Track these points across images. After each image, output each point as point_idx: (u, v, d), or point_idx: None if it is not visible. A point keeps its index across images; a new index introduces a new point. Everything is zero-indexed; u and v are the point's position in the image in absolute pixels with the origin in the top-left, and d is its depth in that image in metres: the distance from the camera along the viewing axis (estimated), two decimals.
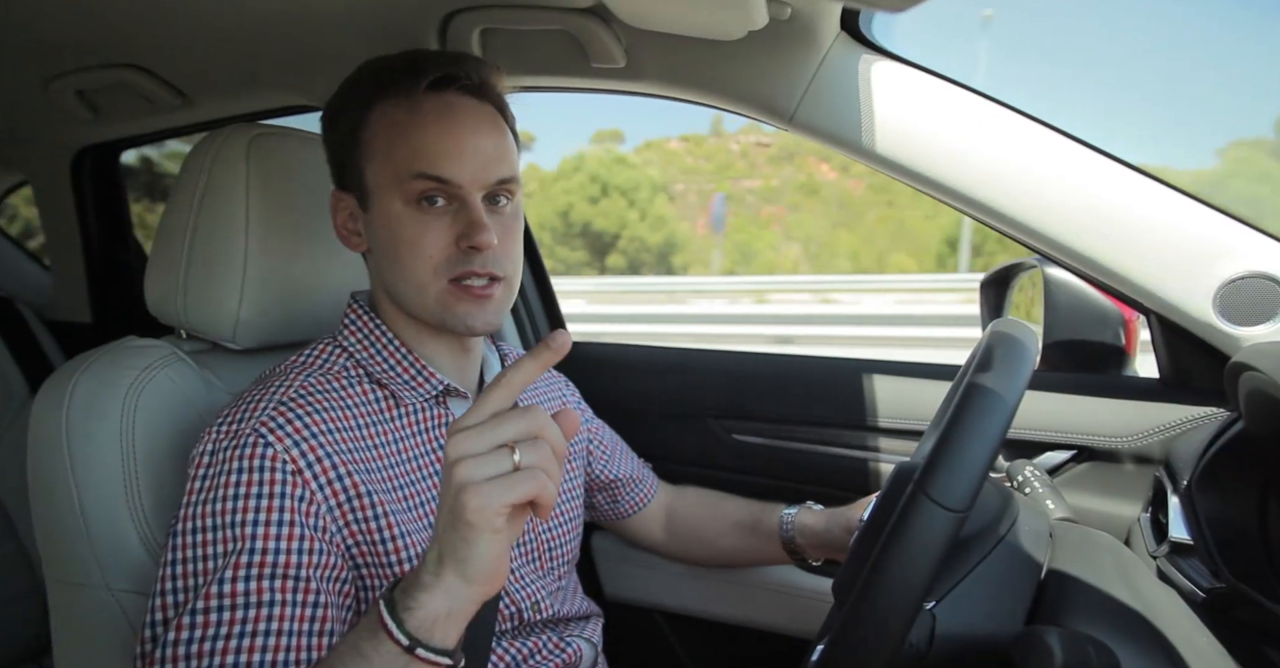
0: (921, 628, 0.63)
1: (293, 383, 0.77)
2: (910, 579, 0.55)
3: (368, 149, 0.79)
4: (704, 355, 1.37)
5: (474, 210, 0.77)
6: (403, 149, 0.77)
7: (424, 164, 0.76)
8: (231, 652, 0.63)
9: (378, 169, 0.78)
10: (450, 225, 0.77)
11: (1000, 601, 0.66)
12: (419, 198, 0.76)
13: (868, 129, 0.95)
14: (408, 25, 1.03)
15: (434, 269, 0.77)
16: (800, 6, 0.88)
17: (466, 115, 0.79)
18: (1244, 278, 0.88)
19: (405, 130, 0.77)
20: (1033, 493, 0.93)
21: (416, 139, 0.76)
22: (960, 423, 0.59)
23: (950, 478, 0.56)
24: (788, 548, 1.07)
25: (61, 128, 1.53)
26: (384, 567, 0.73)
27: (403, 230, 0.77)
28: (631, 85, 1.08)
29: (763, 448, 1.25)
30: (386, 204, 0.78)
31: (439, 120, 0.77)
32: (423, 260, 0.77)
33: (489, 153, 0.78)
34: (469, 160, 0.77)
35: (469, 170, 0.77)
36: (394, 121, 0.78)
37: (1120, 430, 1.01)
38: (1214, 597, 0.72)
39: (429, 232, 0.77)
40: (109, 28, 1.10)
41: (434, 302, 0.78)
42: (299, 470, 0.70)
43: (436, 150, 0.76)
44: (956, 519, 0.56)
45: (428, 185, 0.76)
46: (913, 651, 0.63)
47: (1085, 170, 0.91)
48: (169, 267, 0.89)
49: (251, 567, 0.66)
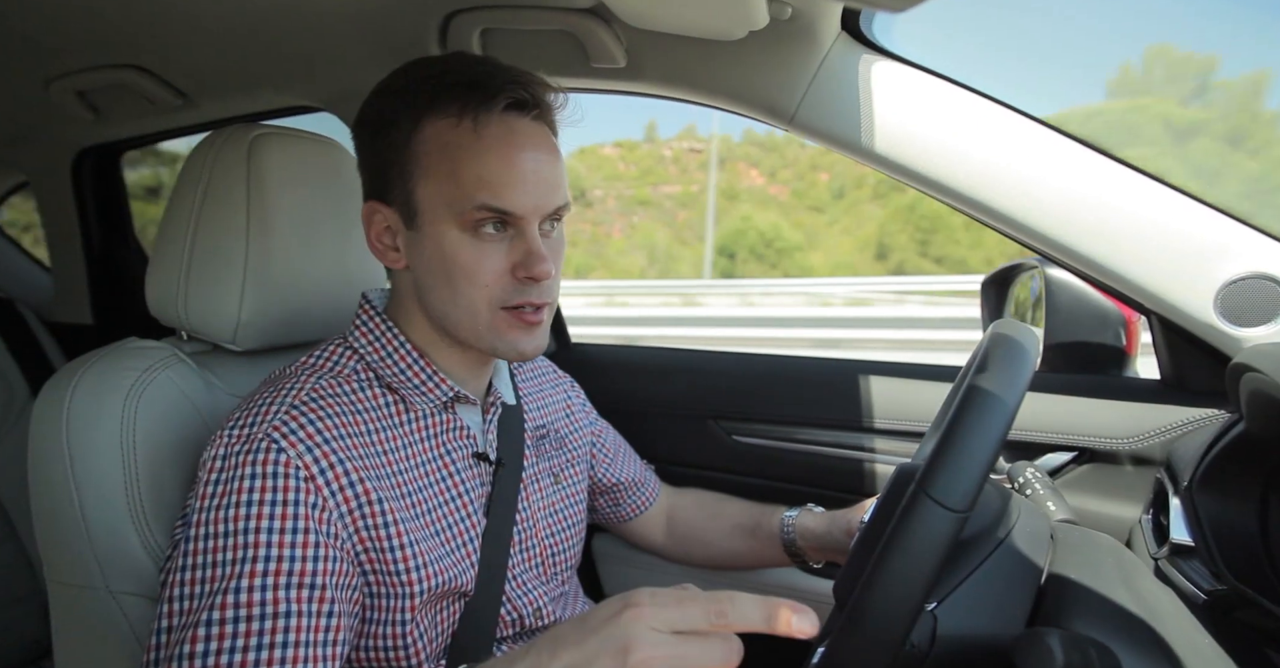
0: (923, 629, 0.63)
1: (304, 385, 0.76)
2: (912, 579, 0.55)
3: (419, 167, 0.75)
4: (706, 357, 1.37)
5: (533, 241, 0.75)
6: (464, 175, 0.73)
7: (488, 195, 0.73)
8: (250, 665, 0.63)
9: (433, 190, 0.75)
10: (507, 253, 0.75)
11: (1001, 602, 0.66)
12: (476, 225, 0.74)
13: (868, 129, 0.95)
14: (409, 25, 1.03)
15: (489, 299, 0.76)
16: (801, 6, 0.88)
17: (529, 141, 0.76)
18: (1245, 279, 0.88)
19: (468, 155, 0.74)
20: (1034, 495, 0.92)
21: (480, 167, 0.73)
22: (961, 423, 0.59)
23: (952, 478, 0.57)
24: (789, 550, 1.07)
25: (62, 128, 1.53)
26: (390, 575, 0.73)
27: (458, 256, 0.75)
28: (632, 85, 1.08)
29: (763, 450, 1.25)
30: (440, 227, 0.75)
31: (504, 147, 0.74)
32: (479, 289, 0.75)
33: (549, 181, 0.76)
34: (531, 191, 0.74)
35: (531, 201, 0.75)
36: (454, 144, 0.74)
37: (1121, 432, 1.01)
38: (1215, 599, 0.71)
39: (486, 259, 0.75)
40: (110, 28, 1.10)
41: (485, 329, 0.77)
42: (312, 477, 0.70)
43: (501, 181, 0.73)
44: (958, 519, 0.56)
45: (488, 215, 0.74)
46: (914, 651, 0.63)
47: (1086, 171, 0.91)
48: (170, 268, 0.89)
49: (268, 575, 0.65)
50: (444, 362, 0.83)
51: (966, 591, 0.65)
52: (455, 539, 0.80)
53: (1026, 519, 0.74)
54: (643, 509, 1.14)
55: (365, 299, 0.86)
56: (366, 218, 0.81)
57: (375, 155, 0.79)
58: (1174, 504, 0.82)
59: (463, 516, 0.81)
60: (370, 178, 0.80)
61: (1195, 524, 0.78)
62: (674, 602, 0.50)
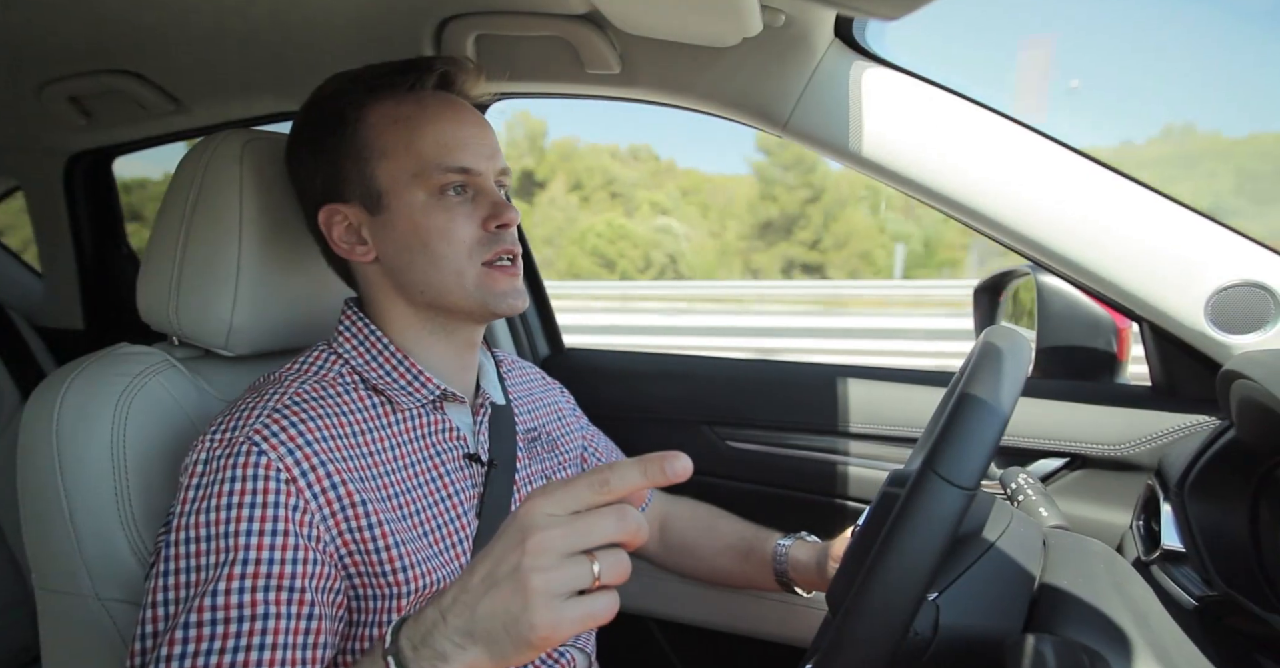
0: (925, 618, 0.64)
1: (287, 390, 0.76)
2: (921, 555, 0.56)
3: (373, 149, 0.80)
4: (700, 362, 1.37)
5: (494, 193, 0.82)
6: (420, 143, 0.79)
7: (449, 157, 0.79)
8: (227, 667, 0.63)
9: (394, 166, 0.79)
10: (474, 211, 0.80)
11: (1000, 597, 0.67)
12: (441, 189, 0.79)
13: (862, 136, 0.96)
14: (403, 31, 1.03)
15: (468, 253, 0.79)
16: (794, 14, 0.88)
17: (465, 110, 0.84)
18: (1235, 286, 0.88)
19: (419, 125, 0.79)
20: (1026, 501, 0.93)
21: (434, 132, 0.79)
22: (966, 405, 0.60)
23: (958, 457, 0.57)
24: (779, 579, 1.05)
25: (54, 134, 1.53)
26: (377, 577, 0.73)
27: (431, 221, 0.79)
28: (626, 92, 1.08)
29: (757, 455, 1.25)
30: (408, 199, 0.79)
31: (449, 114, 0.81)
32: (457, 245, 0.79)
33: (493, 144, 0.83)
34: (483, 150, 0.81)
35: (483, 160, 0.81)
36: (402, 118, 0.80)
37: (1113, 438, 1.01)
38: (1206, 605, 0.72)
39: (457, 218, 0.79)
40: (103, 34, 1.10)
41: (473, 286, 0.80)
42: (293, 479, 0.69)
43: (456, 142, 0.80)
44: (965, 497, 0.56)
45: (453, 177, 0.79)
46: (918, 639, 0.63)
47: (1078, 178, 0.92)
48: (161, 273, 0.89)
49: (245, 578, 0.65)
50: (427, 358, 0.84)
51: (967, 583, 0.66)
52: (445, 541, 0.80)
53: (1018, 526, 0.74)
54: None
55: (348, 305, 0.86)
56: (325, 224, 0.83)
57: (323, 157, 0.82)
58: (1165, 510, 0.82)
59: (453, 517, 0.81)
60: (321, 182, 0.83)
61: (1186, 530, 0.78)
62: (560, 486, 0.51)
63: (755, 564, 1.08)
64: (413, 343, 0.83)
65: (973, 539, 0.70)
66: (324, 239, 0.84)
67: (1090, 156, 0.92)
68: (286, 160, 0.88)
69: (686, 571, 1.17)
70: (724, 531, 1.13)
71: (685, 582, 1.25)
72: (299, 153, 0.85)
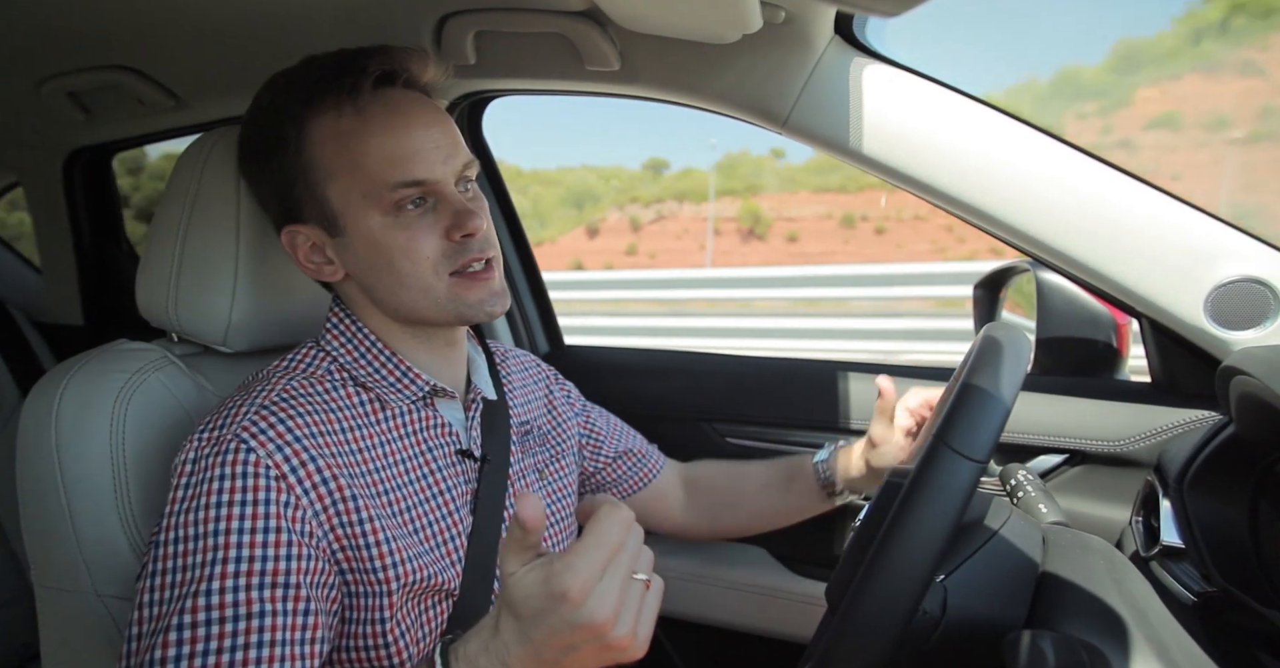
0: (934, 599, 0.64)
1: (275, 387, 0.76)
2: (934, 527, 0.56)
3: (320, 170, 0.76)
4: (699, 359, 1.37)
5: (455, 201, 0.76)
6: (367, 161, 0.74)
7: (398, 171, 0.74)
8: (225, 667, 0.62)
9: (344, 186, 0.75)
10: (435, 222, 0.76)
11: (1006, 580, 0.68)
12: (397, 205, 0.75)
13: (862, 133, 0.96)
14: (402, 28, 1.03)
15: (434, 268, 0.76)
16: (794, 10, 0.88)
17: (413, 110, 0.77)
18: (1235, 282, 0.88)
19: (361, 140, 0.74)
20: (1025, 497, 0.93)
21: (378, 146, 0.74)
22: (975, 382, 0.61)
23: (969, 429, 0.58)
24: (831, 493, 1.06)
25: (54, 130, 1.52)
26: (368, 573, 0.72)
27: (391, 241, 0.75)
28: (626, 88, 1.08)
29: (757, 451, 1.25)
30: (364, 221, 0.75)
31: (393, 121, 0.75)
32: (421, 263, 0.76)
33: (447, 143, 0.77)
34: (435, 155, 0.76)
35: (438, 165, 0.76)
36: (345, 133, 0.75)
37: (1112, 434, 1.02)
38: (1205, 600, 0.72)
39: (418, 235, 0.76)
40: (101, 29, 1.09)
41: (445, 299, 0.77)
42: (283, 476, 0.69)
43: (404, 154, 0.74)
44: (976, 469, 0.57)
45: (407, 192, 0.75)
46: (928, 619, 0.63)
47: (1078, 174, 0.92)
48: (160, 269, 0.89)
49: (239, 576, 0.65)
50: (414, 356, 0.83)
51: (972, 569, 0.67)
52: (436, 537, 0.79)
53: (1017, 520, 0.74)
54: (648, 480, 1.11)
55: (335, 303, 0.86)
56: (289, 245, 0.81)
57: (273, 177, 0.78)
58: (1164, 506, 0.82)
59: (445, 514, 0.81)
60: (277, 203, 0.80)
61: (1185, 526, 0.78)
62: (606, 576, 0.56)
63: (801, 488, 1.07)
64: (398, 340, 0.83)
65: (976, 528, 0.70)
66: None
67: (1089, 152, 0.92)
68: (241, 176, 0.85)
69: (727, 526, 1.15)
70: (754, 472, 1.12)
71: (684, 577, 1.25)
72: (250, 171, 0.82)
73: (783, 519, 1.12)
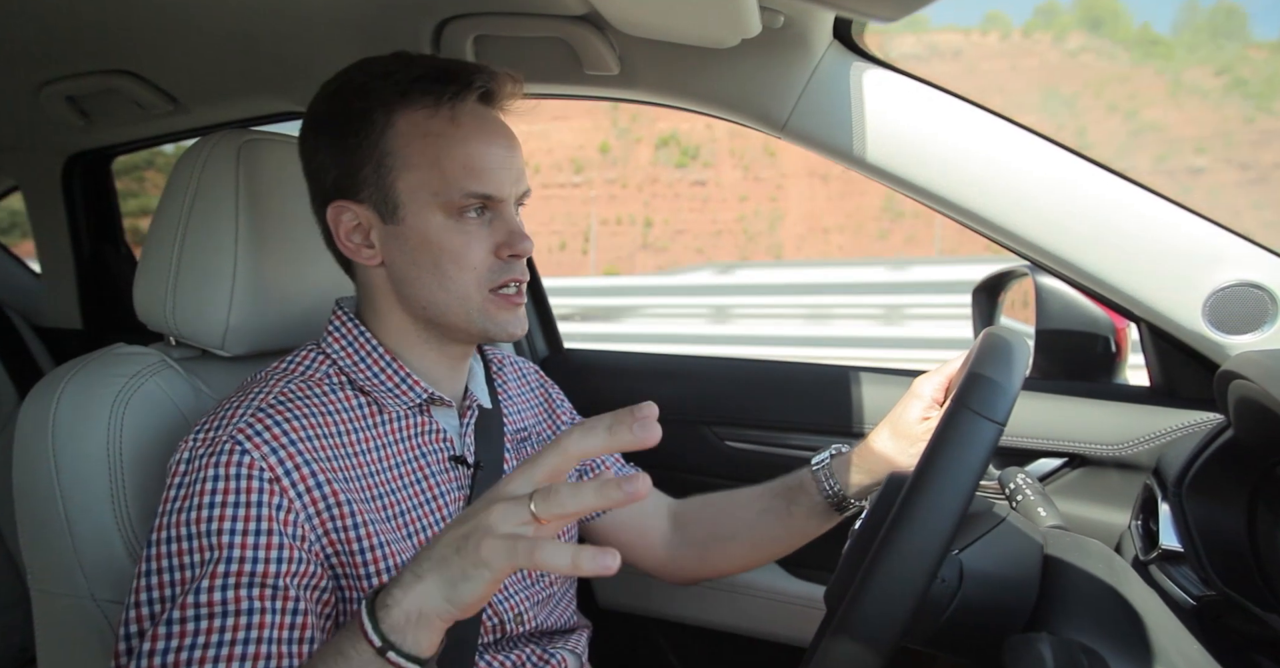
0: (951, 568, 0.65)
1: (271, 389, 0.76)
2: (955, 486, 0.56)
3: (398, 159, 0.77)
4: (699, 362, 1.37)
5: (513, 221, 0.80)
6: (448, 163, 0.76)
7: (474, 182, 0.77)
8: (210, 661, 0.62)
9: (416, 181, 0.77)
10: (489, 234, 0.79)
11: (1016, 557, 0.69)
12: (461, 210, 0.77)
13: (861, 137, 0.96)
14: (402, 32, 1.03)
15: (477, 280, 0.78)
16: (793, 15, 0.88)
17: (499, 129, 0.81)
18: (1233, 287, 0.88)
19: (450, 144, 0.77)
20: (1024, 500, 0.93)
21: (463, 154, 0.77)
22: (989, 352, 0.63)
23: (989, 391, 0.59)
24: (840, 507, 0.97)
25: (53, 134, 1.53)
26: (361, 579, 0.72)
27: (446, 241, 0.77)
28: (625, 93, 1.08)
29: (757, 455, 1.25)
30: (425, 217, 0.77)
31: (481, 134, 0.78)
32: (468, 271, 0.78)
33: (519, 167, 0.81)
34: (507, 176, 0.79)
35: (507, 185, 0.79)
36: (434, 133, 0.77)
37: (1111, 438, 1.02)
38: (1204, 604, 0.72)
39: (472, 242, 0.78)
40: (101, 33, 1.10)
41: (477, 312, 0.79)
42: (276, 478, 0.69)
43: (484, 166, 0.77)
44: (996, 430, 0.57)
45: (474, 201, 0.77)
46: (946, 587, 0.64)
47: (1076, 179, 0.92)
48: (158, 273, 0.89)
49: (229, 576, 0.65)
50: (418, 363, 0.83)
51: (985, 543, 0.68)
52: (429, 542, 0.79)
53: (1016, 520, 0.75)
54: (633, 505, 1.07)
55: (338, 305, 0.85)
56: (334, 218, 0.80)
57: (343, 154, 0.79)
58: (1163, 510, 0.82)
59: (438, 519, 0.81)
60: (336, 177, 0.80)
61: (1184, 530, 0.78)
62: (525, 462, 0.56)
63: (804, 506, 0.98)
64: (404, 347, 0.83)
65: (985, 515, 0.72)
66: (329, 232, 0.82)
67: (1089, 158, 0.92)
68: (300, 141, 0.84)
69: (717, 561, 1.05)
70: (748, 498, 1.03)
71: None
72: (315, 142, 0.82)
73: (783, 548, 1.03)
